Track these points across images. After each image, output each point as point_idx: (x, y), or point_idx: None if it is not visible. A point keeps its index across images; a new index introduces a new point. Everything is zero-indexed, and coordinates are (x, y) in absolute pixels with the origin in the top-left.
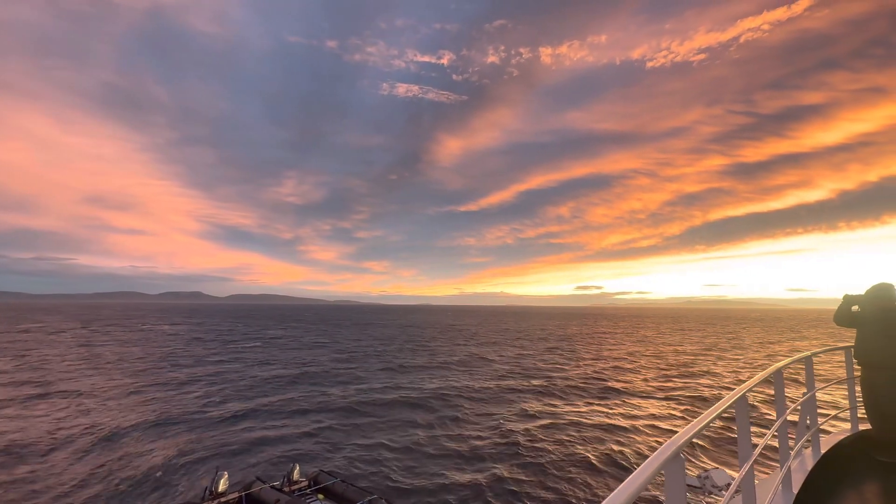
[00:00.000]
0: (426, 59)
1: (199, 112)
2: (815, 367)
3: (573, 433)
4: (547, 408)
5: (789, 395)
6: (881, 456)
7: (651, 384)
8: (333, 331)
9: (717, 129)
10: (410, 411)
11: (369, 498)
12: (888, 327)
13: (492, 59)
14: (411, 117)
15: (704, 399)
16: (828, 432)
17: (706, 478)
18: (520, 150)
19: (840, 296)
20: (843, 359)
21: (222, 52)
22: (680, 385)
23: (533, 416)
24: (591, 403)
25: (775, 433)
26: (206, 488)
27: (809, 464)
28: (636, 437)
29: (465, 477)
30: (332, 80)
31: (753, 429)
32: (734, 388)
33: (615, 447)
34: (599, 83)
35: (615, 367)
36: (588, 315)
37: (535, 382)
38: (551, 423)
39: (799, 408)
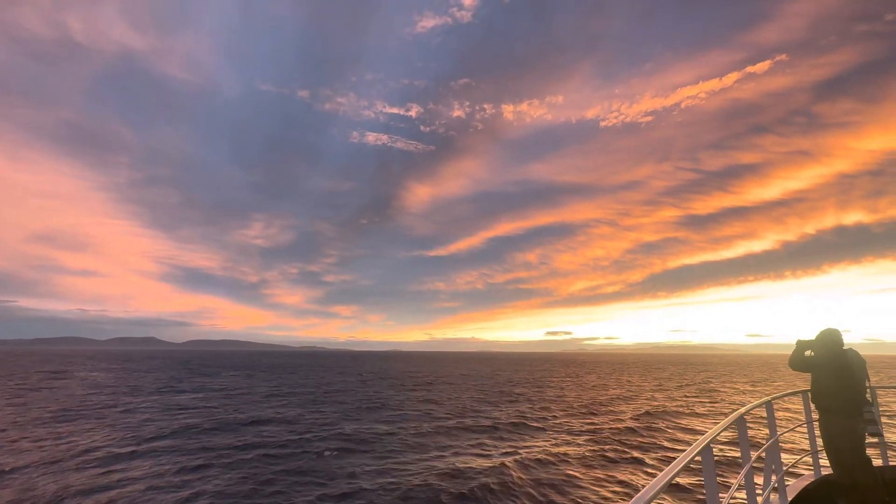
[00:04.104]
0: (395, 110)
1: (164, 153)
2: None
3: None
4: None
5: (752, 440)
6: (843, 502)
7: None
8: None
9: (668, 184)
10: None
11: None
12: (841, 373)
13: (457, 113)
14: (381, 165)
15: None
16: (793, 477)
17: None
18: (487, 199)
19: (793, 341)
20: (802, 403)
21: (192, 97)
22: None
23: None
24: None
25: (742, 482)
26: None
27: None
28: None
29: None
30: (302, 126)
31: (720, 477)
32: (698, 438)
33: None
34: (558, 139)
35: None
36: (556, 360)
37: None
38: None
39: (763, 454)
